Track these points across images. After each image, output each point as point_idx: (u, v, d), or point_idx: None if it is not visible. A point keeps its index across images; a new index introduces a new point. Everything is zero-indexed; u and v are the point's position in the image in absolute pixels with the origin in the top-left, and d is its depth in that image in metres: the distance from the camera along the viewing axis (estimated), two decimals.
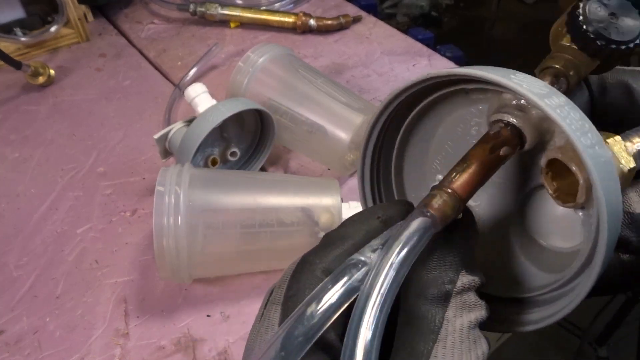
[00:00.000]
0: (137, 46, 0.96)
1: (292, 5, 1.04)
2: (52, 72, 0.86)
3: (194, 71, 0.86)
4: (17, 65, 0.80)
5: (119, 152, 0.76)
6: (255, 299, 0.58)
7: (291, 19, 0.96)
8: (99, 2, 1.01)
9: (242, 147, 0.69)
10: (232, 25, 0.99)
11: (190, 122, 0.63)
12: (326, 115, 0.66)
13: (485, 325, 0.27)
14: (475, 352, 0.24)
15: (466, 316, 0.25)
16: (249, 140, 0.70)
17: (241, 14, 0.98)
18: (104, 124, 0.80)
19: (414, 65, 0.90)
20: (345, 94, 0.68)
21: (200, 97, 0.65)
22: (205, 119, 0.60)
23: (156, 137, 0.63)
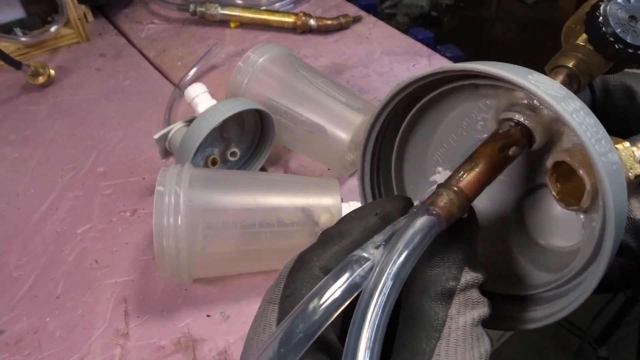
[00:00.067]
0: (137, 46, 0.96)
1: (292, 5, 1.04)
2: (52, 72, 0.86)
3: (194, 71, 0.86)
4: (17, 65, 0.80)
5: (119, 152, 0.76)
6: (255, 299, 0.58)
7: (291, 19, 0.96)
8: (99, 2, 1.01)
9: (242, 147, 0.69)
10: (232, 25, 0.99)
11: (190, 122, 0.63)
12: (326, 115, 0.66)
13: (487, 322, 0.27)
14: (478, 349, 0.24)
15: (469, 313, 0.24)
16: (249, 140, 0.70)
17: (241, 14, 0.98)
18: (104, 124, 0.80)
19: (414, 65, 0.90)
20: (345, 94, 0.68)
21: (200, 97, 0.65)
22: (205, 119, 0.60)
23: (156, 137, 0.63)
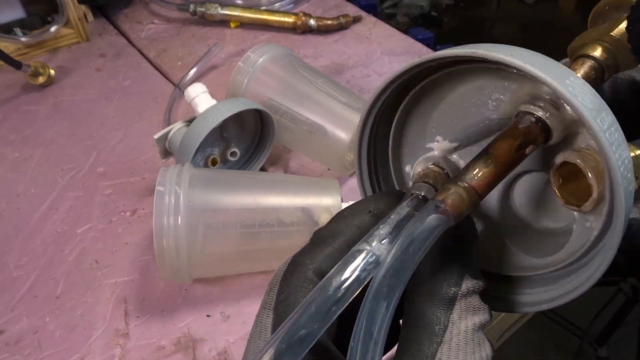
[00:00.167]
0: (137, 46, 0.96)
1: (292, 5, 1.04)
2: (52, 72, 0.86)
3: (194, 71, 0.86)
4: (17, 65, 0.80)
5: (119, 152, 0.76)
6: (255, 299, 0.58)
7: (291, 19, 0.96)
8: (99, 2, 1.01)
9: (242, 147, 0.69)
10: (232, 25, 0.99)
11: (190, 122, 0.63)
12: (326, 115, 0.66)
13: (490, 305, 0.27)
14: (479, 354, 0.24)
15: (470, 319, 0.25)
16: (249, 140, 0.70)
17: (241, 14, 0.98)
18: (104, 124, 0.80)
19: None
20: (345, 94, 0.68)
21: (200, 97, 0.65)
22: (205, 119, 0.60)
23: (156, 137, 0.63)
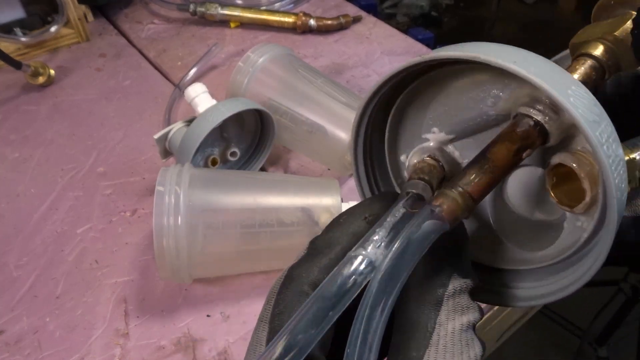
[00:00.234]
0: (137, 46, 0.96)
1: (292, 5, 1.04)
2: (52, 72, 0.86)
3: (194, 71, 0.86)
4: (17, 65, 0.80)
5: (119, 152, 0.76)
6: (255, 299, 0.58)
7: (291, 19, 0.96)
8: (99, 2, 1.01)
9: (242, 147, 0.69)
10: (232, 25, 0.99)
11: (190, 122, 0.63)
12: (326, 115, 0.66)
13: (477, 296, 0.27)
14: (467, 354, 0.24)
15: (458, 319, 0.25)
16: (249, 140, 0.70)
17: (241, 14, 0.98)
18: (104, 124, 0.80)
19: None
20: (345, 94, 0.68)
21: (200, 97, 0.65)
22: (205, 119, 0.60)
23: (156, 137, 0.63)
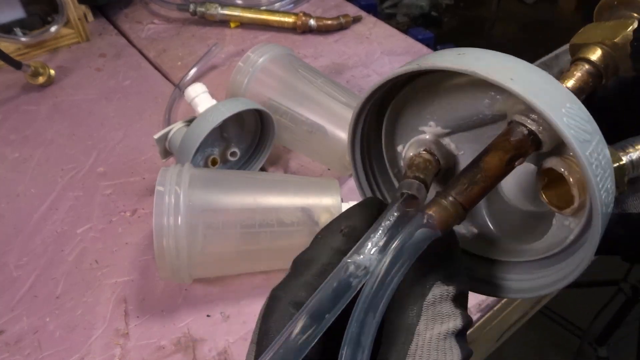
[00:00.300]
0: (137, 46, 0.96)
1: (292, 5, 1.04)
2: (52, 72, 0.86)
3: (194, 71, 0.86)
4: (17, 65, 0.80)
5: (119, 152, 0.76)
6: (255, 299, 0.59)
7: (291, 19, 0.96)
8: (99, 2, 1.01)
9: (242, 147, 0.69)
10: (232, 25, 0.99)
11: (190, 122, 0.63)
12: (326, 115, 0.66)
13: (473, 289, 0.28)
14: None
15: (437, 328, 0.24)
16: (249, 140, 0.70)
17: (241, 14, 0.98)
18: (104, 124, 0.80)
19: None
20: (345, 94, 0.68)
21: (200, 97, 0.65)
22: (205, 119, 0.60)
23: (156, 137, 0.63)
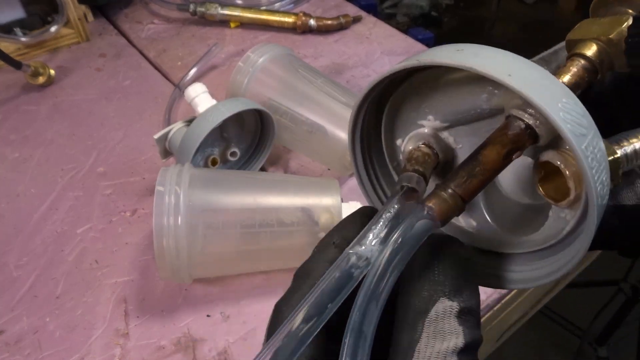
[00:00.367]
0: (137, 46, 0.96)
1: (292, 5, 1.04)
2: (52, 72, 0.86)
3: (194, 71, 0.86)
4: (17, 65, 0.80)
5: (119, 152, 0.76)
6: (255, 299, 0.59)
7: (291, 19, 0.96)
8: (99, 2, 1.01)
9: (242, 147, 0.69)
10: (232, 25, 0.99)
11: (190, 122, 0.63)
12: (326, 115, 0.66)
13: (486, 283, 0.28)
14: None
15: (438, 345, 0.24)
16: (249, 140, 0.70)
17: (241, 14, 0.98)
18: (104, 124, 0.80)
19: None
20: (345, 94, 0.68)
21: (200, 97, 0.65)
22: (205, 119, 0.60)
23: (156, 137, 0.63)
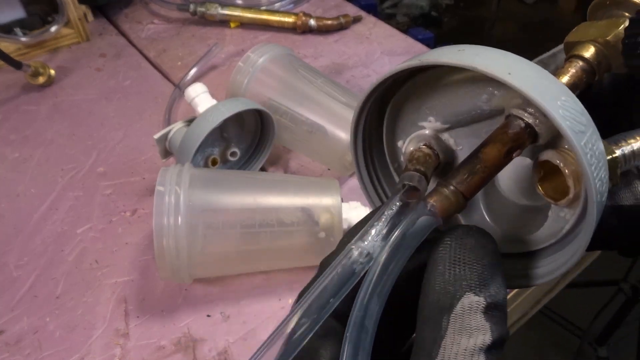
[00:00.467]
0: (137, 46, 0.96)
1: (292, 5, 1.04)
2: (52, 72, 0.86)
3: (194, 71, 0.86)
4: (17, 65, 0.80)
5: (119, 152, 0.76)
6: (255, 299, 0.59)
7: (291, 19, 0.96)
8: (99, 2, 1.01)
9: (242, 147, 0.69)
10: (232, 25, 0.99)
11: (190, 122, 0.63)
12: (326, 115, 0.66)
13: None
14: None
15: (464, 342, 0.23)
16: (249, 140, 0.70)
17: (241, 14, 0.98)
18: (104, 124, 0.80)
19: None
20: (345, 94, 0.68)
21: (200, 97, 0.65)
22: (205, 119, 0.60)
23: (156, 137, 0.63)
